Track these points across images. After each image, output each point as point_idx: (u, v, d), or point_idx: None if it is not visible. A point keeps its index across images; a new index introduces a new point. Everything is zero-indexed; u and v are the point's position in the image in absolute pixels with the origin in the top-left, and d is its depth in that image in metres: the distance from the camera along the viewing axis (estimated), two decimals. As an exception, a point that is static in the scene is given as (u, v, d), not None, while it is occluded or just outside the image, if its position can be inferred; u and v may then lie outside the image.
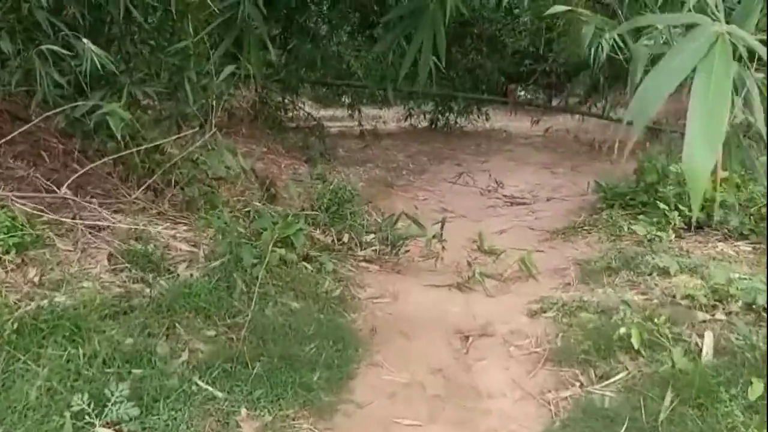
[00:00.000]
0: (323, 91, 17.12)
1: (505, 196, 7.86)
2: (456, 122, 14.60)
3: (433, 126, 14.80)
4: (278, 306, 3.87)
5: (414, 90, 12.77)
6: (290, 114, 11.55)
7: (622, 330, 3.41)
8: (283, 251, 4.31)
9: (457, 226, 6.47)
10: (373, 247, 5.24)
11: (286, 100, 11.41)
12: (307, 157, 9.24)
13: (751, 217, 4.75)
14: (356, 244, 5.26)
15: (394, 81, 10.19)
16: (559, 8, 3.03)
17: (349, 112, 12.41)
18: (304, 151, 9.45)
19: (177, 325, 3.34)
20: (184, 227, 4.77)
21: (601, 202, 6.24)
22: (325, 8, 12.08)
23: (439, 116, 14.82)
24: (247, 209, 5.13)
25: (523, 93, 24.16)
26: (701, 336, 3.26)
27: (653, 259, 4.39)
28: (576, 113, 11.94)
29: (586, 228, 5.71)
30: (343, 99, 17.12)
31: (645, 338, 3.16)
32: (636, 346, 3.14)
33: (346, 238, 5.22)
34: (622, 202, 6.08)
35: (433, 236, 5.01)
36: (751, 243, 4.62)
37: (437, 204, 7.55)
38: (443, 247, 5.03)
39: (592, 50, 3.37)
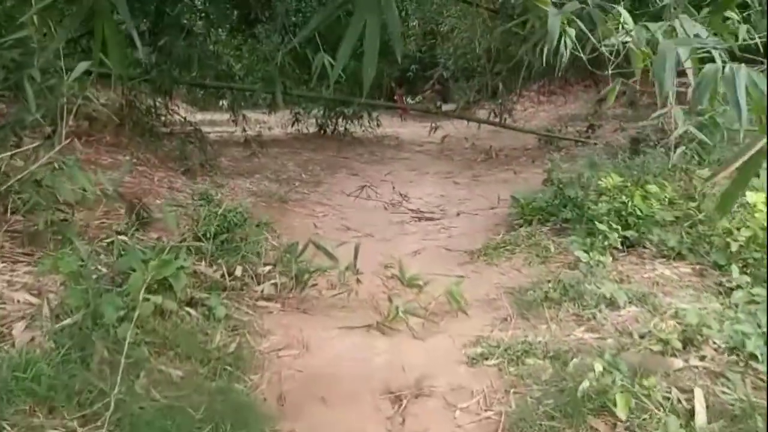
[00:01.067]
0: (200, 94, 15.88)
1: (411, 210, 7.22)
2: (346, 128, 13.94)
3: (323, 132, 14.04)
4: (154, 376, 2.93)
5: (303, 94, 11.97)
6: (163, 119, 10.29)
7: (586, 384, 2.80)
8: (158, 298, 3.35)
9: (365, 249, 5.68)
10: (273, 281, 4.37)
11: (157, 103, 10.17)
12: (185, 168, 8.15)
13: (688, 235, 4.37)
14: (252, 278, 4.37)
15: (284, 83, 9.37)
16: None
17: (232, 117, 11.30)
18: (181, 161, 8.33)
19: (4, 428, 2.33)
20: (25, 269, 3.68)
21: (518, 217, 5.73)
22: (200, 2, 10.96)
23: (329, 121, 14.09)
24: (111, 240, 4.09)
25: (418, 98, 23.93)
26: (684, 391, 2.72)
27: (595, 287, 3.86)
28: (471, 120, 11.56)
29: (507, 247, 5.16)
30: (222, 102, 15.96)
31: (629, 402, 2.56)
32: (622, 416, 2.52)
33: (239, 272, 4.32)
34: (540, 217, 5.61)
35: (346, 268, 4.23)
36: (691, 264, 4.23)
37: (339, 221, 6.77)
38: (358, 280, 4.26)
39: (546, 47, 2.74)
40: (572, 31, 2.84)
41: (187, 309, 3.63)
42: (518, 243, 5.20)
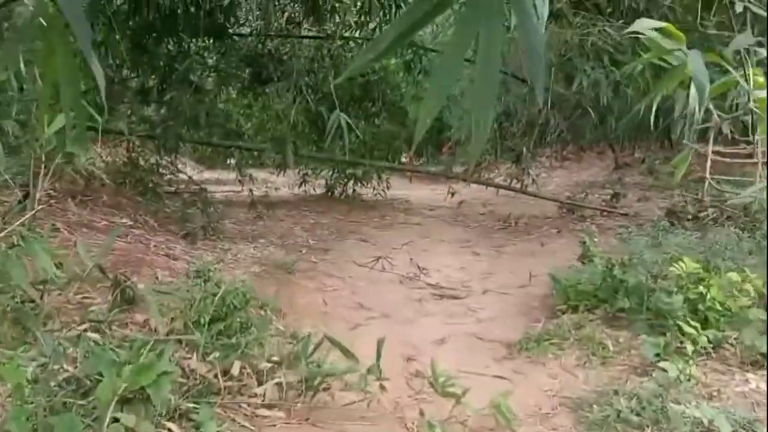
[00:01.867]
0: (207, 152, 15.33)
1: (430, 285, 6.43)
2: (354, 190, 13.29)
3: (331, 194, 13.38)
4: None
5: (312, 155, 11.37)
6: (167, 177, 9.63)
7: None
8: (131, 418, 2.55)
9: (382, 333, 4.91)
10: (277, 379, 3.56)
11: (162, 161, 9.53)
12: (186, 232, 7.41)
13: None
14: (252, 375, 3.57)
15: (295, 143, 8.75)
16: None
17: (238, 177, 10.64)
18: (182, 224, 7.60)
19: None
20: (-33, 371, 2.88)
21: (560, 301, 4.94)
22: (211, 60, 10.47)
23: (337, 183, 13.46)
24: (83, 330, 3.31)
25: (424, 160, 23.43)
26: None
27: (683, 406, 3.04)
28: (489, 185, 10.88)
29: (552, 341, 4.34)
30: (229, 161, 15.35)
31: None
32: None
33: (236, 369, 3.51)
34: (587, 303, 4.82)
35: (368, 370, 3.41)
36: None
37: (350, 297, 5.97)
38: (382, 386, 3.44)
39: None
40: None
41: (169, 426, 2.81)
42: (565, 335, 4.39)
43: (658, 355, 3.50)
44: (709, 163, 8.31)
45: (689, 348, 3.52)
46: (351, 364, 3.39)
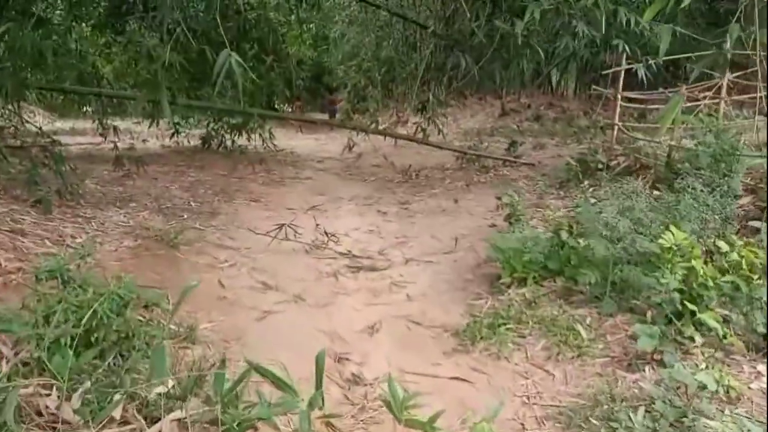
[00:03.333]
0: (60, 100, 13.19)
1: (342, 254, 5.50)
2: (233, 141, 11.90)
3: (207, 146, 11.90)
4: None
5: (187, 103, 9.86)
6: (9, 129, 7.84)
7: None
8: None
9: (297, 321, 3.98)
10: (176, 415, 2.52)
11: (5, 110, 7.73)
12: (37, 198, 5.91)
13: None
14: (138, 416, 2.51)
15: (170, 88, 7.31)
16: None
17: (99, 130, 8.96)
18: (31, 187, 6.08)
19: None
20: None
21: (505, 273, 4.22)
22: (57, -13, 8.59)
23: (213, 133, 11.97)
24: None
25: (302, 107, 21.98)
26: None
27: (710, 419, 2.40)
28: (389, 135, 9.99)
29: (507, 324, 3.61)
30: (85, 109, 13.33)
31: None
32: None
33: (117, 411, 2.44)
34: (536, 276, 4.14)
35: (309, 403, 2.45)
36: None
37: (251, 274, 4.92)
38: (329, 424, 2.52)
39: None
40: None
41: None
42: (521, 317, 3.68)
43: (652, 344, 2.85)
44: (618, 109, 7.96)
45: (697, 339, 2.90)
46: (292, 399, 2.41)
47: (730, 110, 7.82)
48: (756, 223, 3.89)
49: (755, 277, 3.02)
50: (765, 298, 2.86)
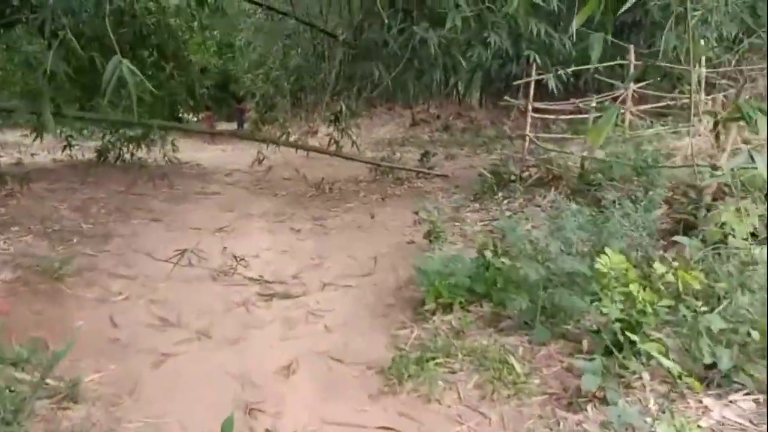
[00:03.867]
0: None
1: (252, 280, 5.01)
2: (133, 154, 11.04)
3: (103, 159, 10.95)
4: None
5: (79, 114, 9.00)
6: None
7: None
8: None
9: (202, 363, 3.49)
10: None
11: None
12: None
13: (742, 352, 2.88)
14: None
15: (54, 99, 6.52)
16: None
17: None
18: None
19: None
20: None
21: (430, 299, 3.91)
22: None
23: (110, 146, 11.04)
24: None
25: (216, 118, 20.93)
26: None
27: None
28: (301, 147, 9.51)
29: (436, 358, 3.29)
30: (-37, 121, 12.05)
31: None
32: None
33: None
34: (462, 300, 3.86)
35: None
36: (749, 394, 2.73)
37: (149, 307, 4.36)
38: None
39: None
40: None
41: None
42: (449, 350, 3.37)
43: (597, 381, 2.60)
44: (529, 120, 7.91)
45: (645, 375, 2.67)
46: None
47: (636, 120, 7.97)
48: (681, 239, 3.79)
49: (698, 303, 2.85)
50: (716, 325, 2.68)
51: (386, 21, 6.82)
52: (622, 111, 7.96)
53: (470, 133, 13.39)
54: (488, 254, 3.98)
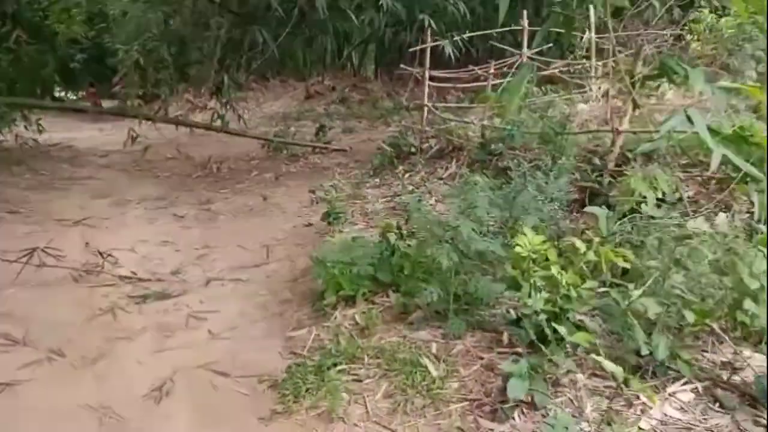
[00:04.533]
0: None
1: (124, 278, 4.27)
2: (-9, 136, 9.65)
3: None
4: None
5: None
6: None
7: None
8: None
9: (54, 399, 2.79)
10: None
11: None
12: None
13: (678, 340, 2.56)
14: None
15: None
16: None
17: None
18: None
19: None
20: None
21: (330, 293, 3.40)
22: None
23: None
24: None
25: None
26: None
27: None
28: (182, 124, 8.59)
29: (340, 364, 2.80)
30: None
31: None
32: None
33: None
34: (366, 292, 3.37)
35: None
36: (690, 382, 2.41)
37: (-9, 325, 3.55)
38: None
39: None
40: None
41: None
42: (353, 352, 2.87)
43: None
44: (426, 89, 7.49)
45: (579, 376, 2.30)
46: None
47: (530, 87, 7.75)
48: (593, 209, 3.50)
49: (629, 285, 2.51)
50: (652, 310, 2.34)
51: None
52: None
53: (367, 105, 12.86)
54: (392, 237, 3.51)
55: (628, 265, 2.66)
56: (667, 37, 8.57)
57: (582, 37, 8.35)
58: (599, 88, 7.99)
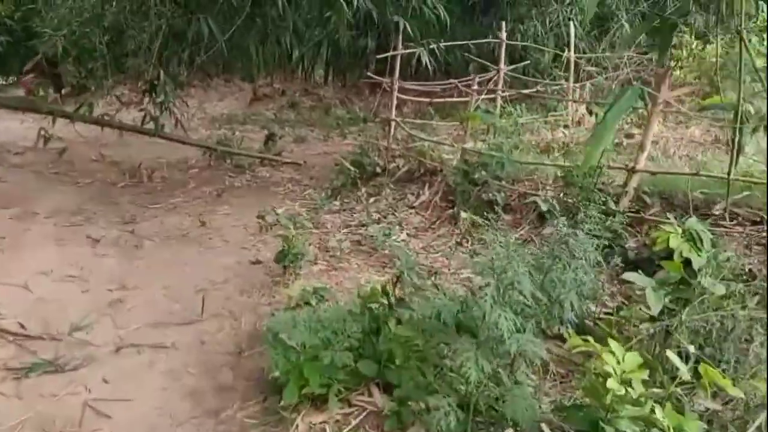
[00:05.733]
0: None
1: (6, 334, 3.09)
2: None
3: None
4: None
5: None
6: None
7: None
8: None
9: None
10: None
11: None
12: None
13: None
14: None
15: None
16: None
17: None
18: None
19: None
20: None
21: (290, 389, 2.35)
22: None
23: None
24: None
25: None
26: None
27: None
28: (106, 125, 7.24)
29: None
30: None
31: None
32: None
33: None
34: (341, 388, 2.36)
35: None
36: None
37: None
38: None
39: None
40: None
41: None
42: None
43: None
44: (394, 102, 6.51)
45: None
46: None
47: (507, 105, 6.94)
48: (633, 277, 2.62)
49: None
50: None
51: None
52: (493, 96, 6.89)
53: (319, 112, 11.77)
54: (378, 310, 2.51)
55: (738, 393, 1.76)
56: (646, 62, 7.96)
57: (562, 56, 7.65)
58: (576, 110, 7.27)
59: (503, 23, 7.04)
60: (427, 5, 5.54)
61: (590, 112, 6.79)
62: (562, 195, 4.42)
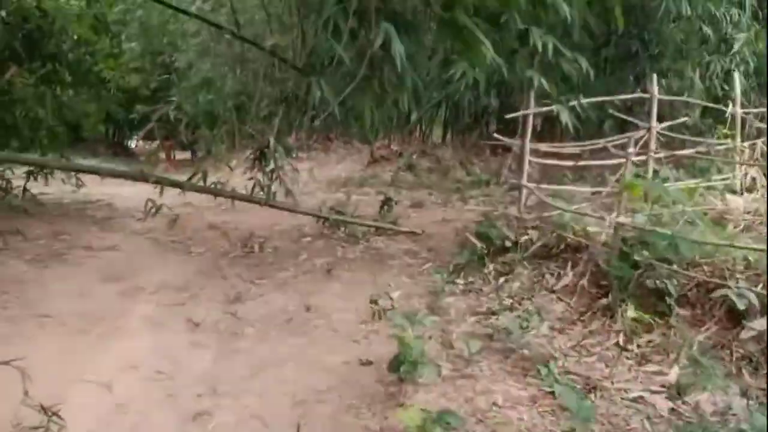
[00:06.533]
0: None
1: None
2: (26, 188, 8.39)
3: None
4: None
5: None
6: None
7: None
8: None
9: None
10: None
11: None
12: None
13: None
14: None
15: None
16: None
17: None
18: None
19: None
20: None
21: None
22: None
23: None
24: None
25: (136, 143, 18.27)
26: None
27: None
28: (214, 193, 6.99)
29: None
30: None
31: None
32: None
33: None
34: None
35: None
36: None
37: None
38: None
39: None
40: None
41: None
42: None
43: None
44: (526, 166, 5.64)
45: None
46: None
47: (661, 168, 5.88)
48: None
49: None
50: None
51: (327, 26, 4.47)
52: (644, 157, 5.85)
53: (437, 175, 11.16)
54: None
55: None
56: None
57: (726, 111, 6.48)
58: (746, 174, 6.02)
59: (654, 76, 6.06)
60: (565, 58, 4.71)
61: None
62: (761, 287, 3.32)
